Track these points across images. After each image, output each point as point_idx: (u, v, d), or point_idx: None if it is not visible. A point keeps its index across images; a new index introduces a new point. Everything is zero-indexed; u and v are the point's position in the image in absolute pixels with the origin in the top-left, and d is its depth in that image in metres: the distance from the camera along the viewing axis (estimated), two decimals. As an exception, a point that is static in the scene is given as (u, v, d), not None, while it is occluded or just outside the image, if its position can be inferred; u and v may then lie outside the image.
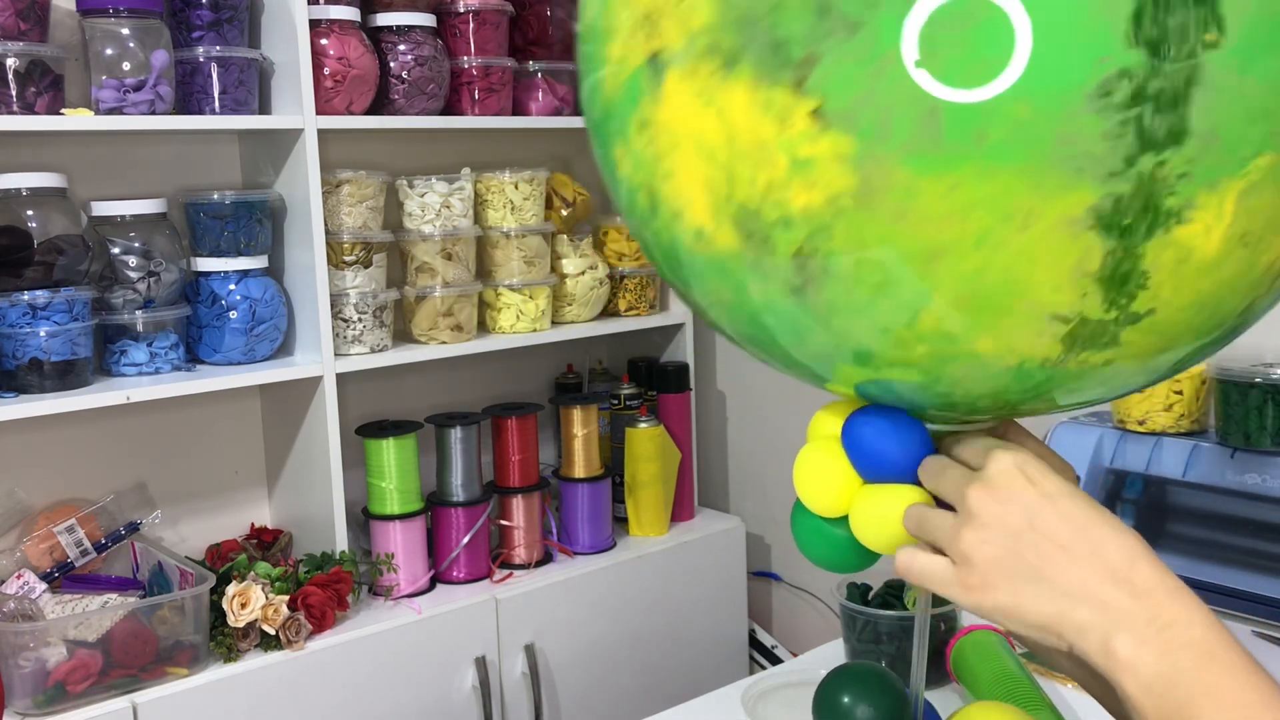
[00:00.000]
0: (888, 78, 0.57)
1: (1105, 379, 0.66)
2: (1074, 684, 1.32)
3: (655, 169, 0.66)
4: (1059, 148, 0.56)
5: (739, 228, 0.63)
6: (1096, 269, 0.59)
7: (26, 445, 1.80)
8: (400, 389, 2.16)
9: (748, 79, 0.60)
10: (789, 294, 0.64)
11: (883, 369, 0.67)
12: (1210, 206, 0.58)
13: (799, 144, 0.59)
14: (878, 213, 0.59)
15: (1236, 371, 1.47)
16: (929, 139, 0.57)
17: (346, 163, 1.97)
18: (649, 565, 2.13)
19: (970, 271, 0.60)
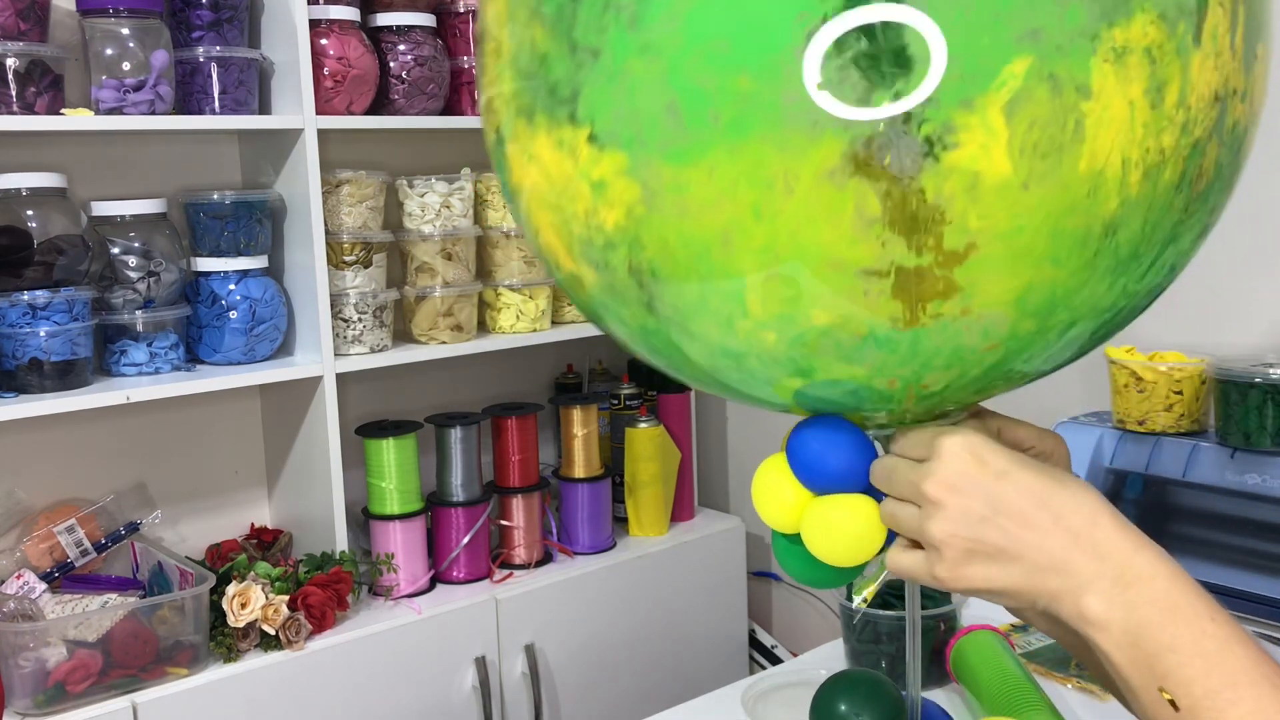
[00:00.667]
0: (629, 88, 0.62)
1: (1002, 335, 0.65)
2: (1074, 684, 1.32)
3: (528, 229, 0.72)
4: (790, 108, 0.58)
5: (588, 261, 0.68)
6: (879, 213, 0.59)
7: (26, 445, 1.80)
8: (400, 389, 2.16)
9: (543, 126, 0.66)
10: (646, 311, 0.68)
11: (790, 373, 0.68)
12: (974, 126, 0.58)
13: (590, 169, 0.65)
14: (665, 212, 0.63)
15: (1236, 371, 1.47)
16: (675, 132, 0.61)
17: (346, 163, 1.97)
18: (649, 565, 2.13)
19: (763, 245, 0.61)
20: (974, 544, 0.65)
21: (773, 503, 0.75)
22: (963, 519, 0.65)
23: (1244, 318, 1.64)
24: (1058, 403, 1.84)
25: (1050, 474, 0.65)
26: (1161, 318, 1.74)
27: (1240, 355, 1.54)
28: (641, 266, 0.66)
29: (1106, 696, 1.29)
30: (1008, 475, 0.65)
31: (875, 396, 0.69)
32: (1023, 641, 1.45)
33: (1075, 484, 0.65)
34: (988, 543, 0.65)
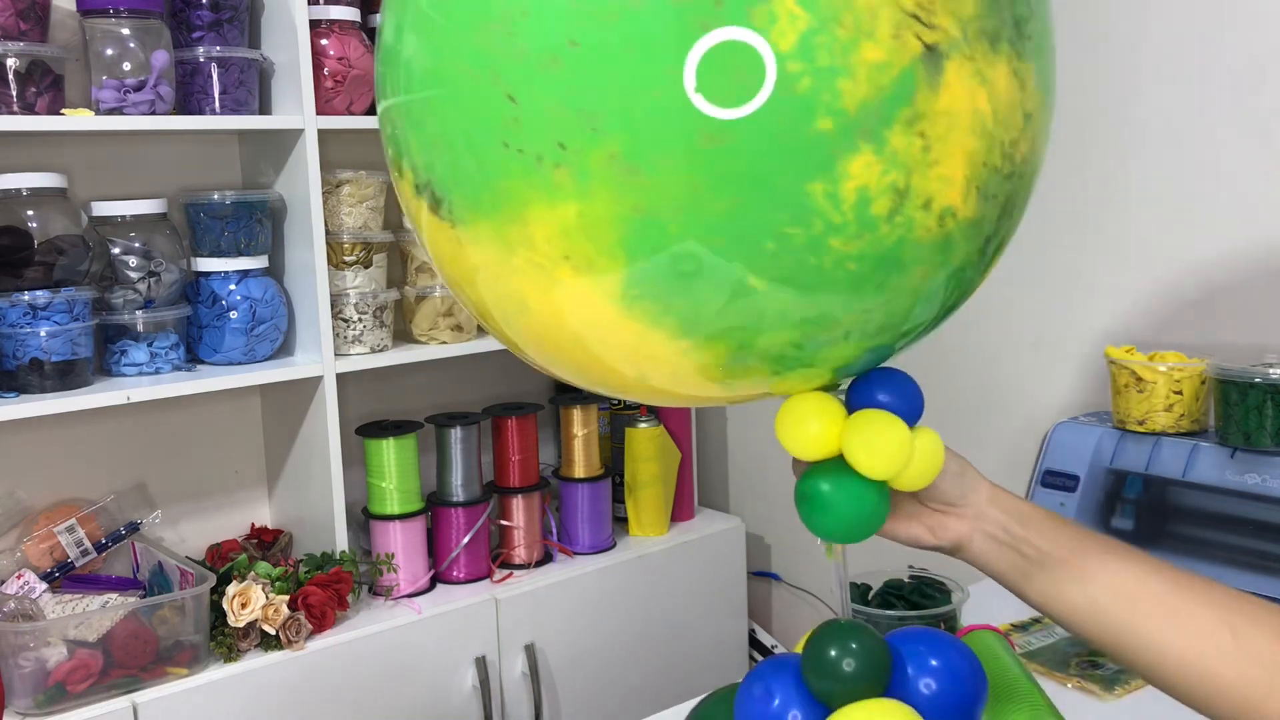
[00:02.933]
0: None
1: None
2: (1074, 684, 1.32)
3: (919, 160, 0.67)
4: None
5: (986, 195, 0.71)
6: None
7: (26, 445, 1.80)
8: (400, 389, 2.17)
9: (1005, 54, 0.70)
10: (980, 252, 0.74)
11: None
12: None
13: (1028, 100, 0.72)
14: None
15: (1236, 371, 1.48)
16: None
17: (346, 163, 1.97)
18: (649, 565, 2.13)
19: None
20: None
21: (808, 425, 0.79)
22: None
23: (1244, 318, 1.64)
24: (1058, 403, 1.84)
25: None
26: (1161, 318, 1.74)
27: (1240, 355, 1.54)
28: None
29: (1106, 696, 1.30)
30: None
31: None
32: (1023, 641, 1.45)
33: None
34: None
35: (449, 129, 0.71)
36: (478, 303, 0.79)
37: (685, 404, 0.87)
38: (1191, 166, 1.67)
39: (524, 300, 0.74)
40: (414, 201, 0.77)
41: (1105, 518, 1.60)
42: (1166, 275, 1.72)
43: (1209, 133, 1.65)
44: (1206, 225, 1.67)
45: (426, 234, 0.78)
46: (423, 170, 0.74)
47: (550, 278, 0.71)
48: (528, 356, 0.84)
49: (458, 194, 0.72)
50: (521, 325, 0.78)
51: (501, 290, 0.75)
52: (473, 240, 0.73)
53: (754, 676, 0.91)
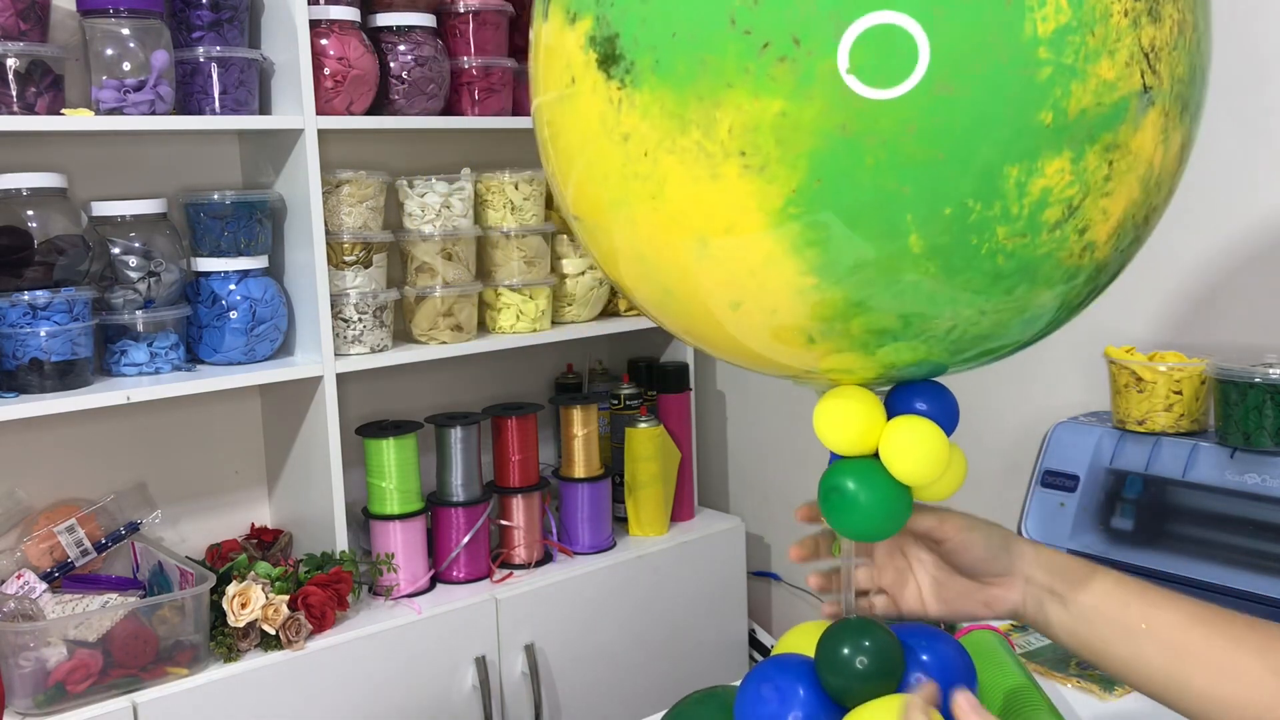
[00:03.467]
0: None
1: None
2: (1074, 684, 1.32)
3: (1098, 187, 0.71)
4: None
5: (1119, 246, 0.76)
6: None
7: (26, 445, 1.80)
8: (400, 389, 2.17)
9: (1185, 125, 0.75)
10: (1084, 296, 0.80)
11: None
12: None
13: (1177, 174, 0.78)
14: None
15: (1236, 371, 1.47)
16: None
17: (346, 163, 1.97)
18: (649, 565, 2.13)
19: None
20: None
21: (852, 422, 0.80)
22: None
23: (1244, 318, 1.64)
24: (1058, 403, 1.84)
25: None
26: (1161, 318, 1.74)
27: (1240, 355, 1.54)
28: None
29: (1106, 696, 1.30)
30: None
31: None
32: (1023, 641, 1.45)
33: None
34: None
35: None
36: (590, 176, 0.77)
37: (724, 351, 0.85)
38: (1191, 166, 1.67)
39: (662, 184, 0.72)
40: (577, 54, 0.74)
41: (1105, 518, 1.60)
42: (1166, 275, 1.72)
43: (1209, 132, 1.65)
44: (1207, 225, 1.67)
45: (578, 89, 0.74)
46: (613, 21, 0.72)
47: (713, 168, 0.70)
48: (609, 249, 0.81)
49: (650, 56, 0.70)
50: (633, 213, 0.75)
51: (638, 169, 0.72)
52: (642, 107, 0.71)
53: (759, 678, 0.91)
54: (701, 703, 1.07)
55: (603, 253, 0.82)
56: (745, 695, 0.91)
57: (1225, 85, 1.63)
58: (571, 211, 0.82)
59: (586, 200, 0.79)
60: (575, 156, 0.78)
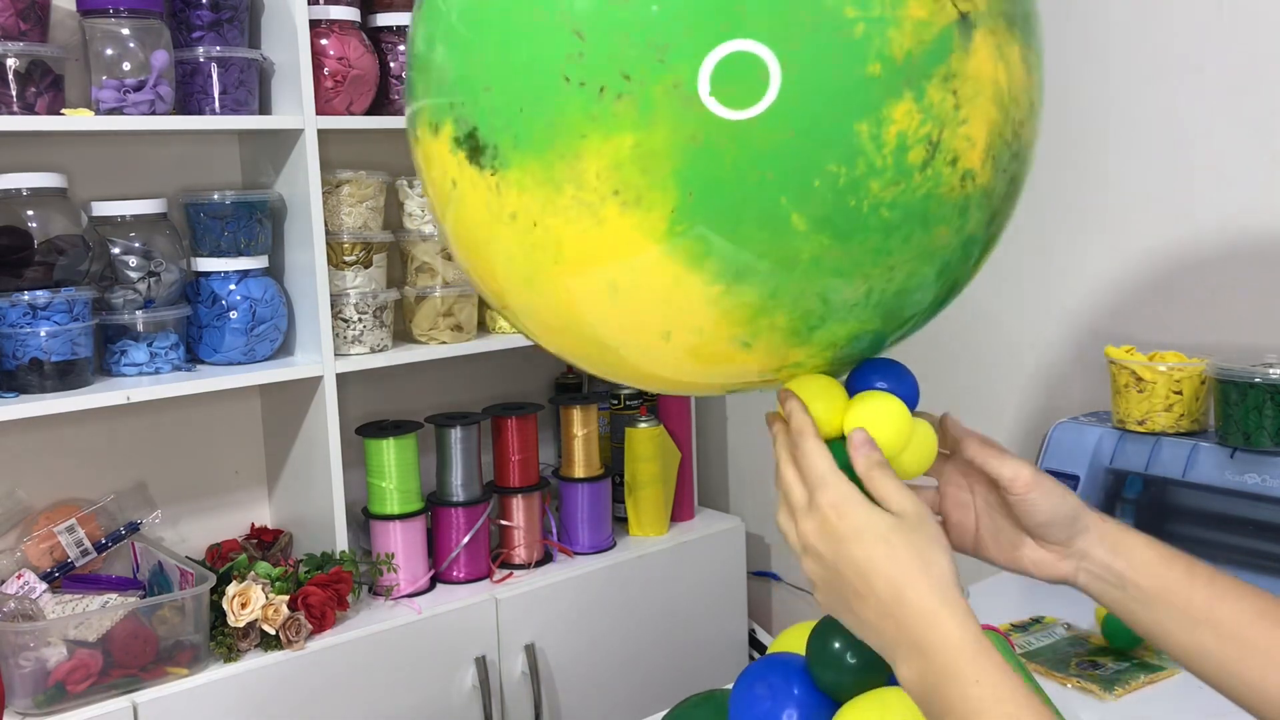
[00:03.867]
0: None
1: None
2: (1074, 684, 1.32)
3: (951, 118, 0.73)
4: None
5: (999, 167, 0.77)
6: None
7: (26, 445, 1.80)
8: (400, 389, 2.16)
9: (1019, 39, 0.77)
10: (986, 226, 0.79)
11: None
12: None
13: (1033, 87, 0.79)
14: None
15: (1236, 371, 1.47)
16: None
17: (346, 163, 1.97)
18: (649, 565, 2.13)
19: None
20: (825, 592, 0.78)
21: (814, 405, 0.82)
22: (815, 575, 0.78)
23: (1244, 318, 1.64)
24: (1058, 403, 1.84)
25: (879, 545, 0.74)
26: (1161, 318, 1.74)
27: (1240, 355, 1.54)
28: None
29: (1106, 696, 1.30)
30: (847, 543, 0.76)
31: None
32: (1023, 641, 1.45)
33: (894, 555, 0.74)
34: (834, 594, 0.78)
35: (506, 66, 0.74)
36: (497, 263, 0.80)
37: (687, 387, 0.88)
38: (1191, 166, 1.67)
39: (558, 248, 0.75)
40: (449, 158, 0.78)
41: (1105, 518, 1.60)
42: (1166, 275, 1.72)
43: (1208, 132, 1.65)
44: (1206, 225, 1.67)
45: (460, 189, 0.79)
46: (468, 117, 0.76)
47: (595, 215, 0.73)
48: (540, 324, 0.84)
49: (507, 135, 0.74)
50: (545, 282, 0.78)
51: (533, 240, 0.76)
52: (516, 184, 0.74)
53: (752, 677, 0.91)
54: (699, 706, 1.07)
55: (538, 330, 0.85)
56: (739, 694, 0.91)
57: (1225, 85, 1.63)
58: (498, 303, 0.85)
59: (504, 286, 0.82)
60: (482, 251, 0.81)
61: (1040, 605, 1.56)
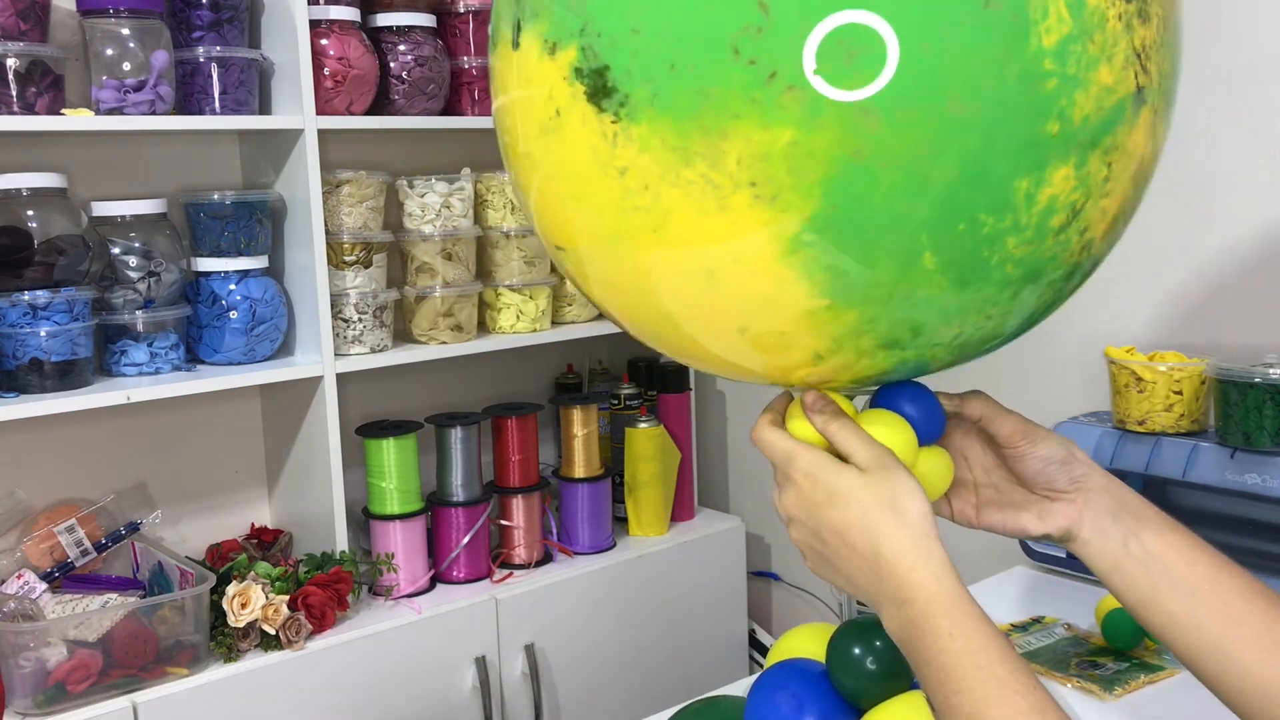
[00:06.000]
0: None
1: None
2: (1074, 684, 1.32)
3: (1098, 189, 0.72)
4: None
5: (1113, 241, 0.78)
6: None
7: (26, 445, 1.80)
8: (400, 389, 2.16)
9: (1168, 116, 0.77)
10: (1074, 289, 0.80)
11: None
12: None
13: (1157, 163, 0.79)
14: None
15: (1236, 371, 1.47)
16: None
17: (346, 163, 1.97)
18: (649, 565, 2.13)
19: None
20: (812, 557, 0.80)
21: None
22: (800, 542, 0.80)
23: (1244, 318, 1.64)
24: (1058, 403, 1.84)
25: (853, 508, 0.76)
26: (1161, 318, 1.74)
27: (1240, 355, 1.53)
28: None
29: (1106, 696, 1.30)
30: (822, 507, 0.77)
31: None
32: (1023, 641, 1.45)
33: (869, 513, 0.75)
34: (820, 559, 0.79)
35: (669, 14, 0.67)
36: (581, 209, 0.74)
37: (726, 370, 0.84)
38: (1191, 166, 1.67)
39: (665, 218, 0.70)
40: (561, 86, 0.71)
41: (1105, 518, 1.60)
42: (1166, 275, 1.72)
43: (1209, 132, 1.65)
44: (1206, 225, 1.67)
45: (565, 122, 0.72)
46: (601, 53, 0.69)
47: (721, 200, 0.68)
48: (603, 278, 0.79)
49: (646, 88, 0.67)
50: (632, 246, 0.73)
51: (637, 203, 0.70)
52: (640, 140, 0.68)
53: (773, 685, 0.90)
54: (700, 713, 1.07)
55: (596, 282, 0.80)
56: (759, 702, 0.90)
57: (1225, 85, 1.63)
58: (555, 242, 0.80)
59: (576, 232, 0.77)
60: (562, 190, 0.75)
61: (1040, 605, 1.56)
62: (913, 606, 0.72)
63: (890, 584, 0.74)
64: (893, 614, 0.74)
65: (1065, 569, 1.64)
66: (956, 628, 0.71)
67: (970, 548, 1.58)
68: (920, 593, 0.72)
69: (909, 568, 0.73)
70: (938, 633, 0.71)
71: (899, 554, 0.73)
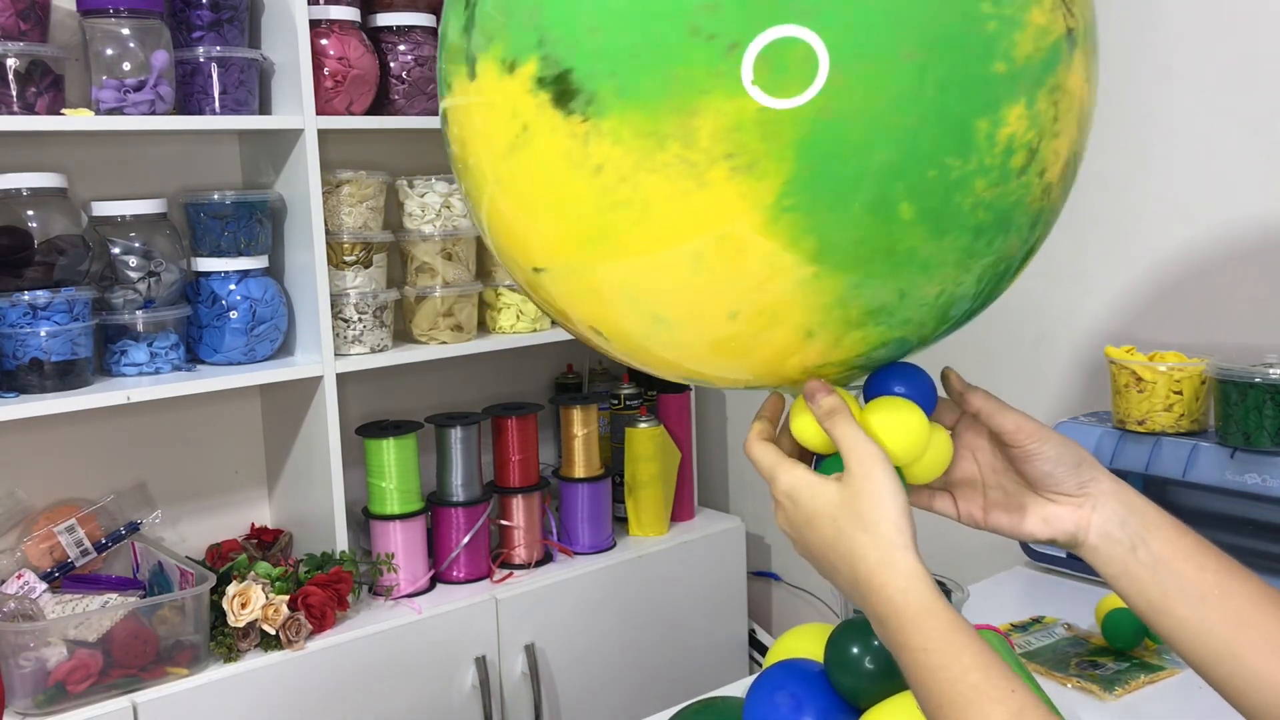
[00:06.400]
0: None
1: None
2: (1074, 684, 1.32)
3: (1049, 129, 0.75)
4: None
5: (1065, 185, 0.80)
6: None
7: (26, 445, 1.80)
8: (400, 389, 2.17)
9: (1095, 58, 0.80)
10: (1036, 242, 0.82)
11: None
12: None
13: (1094, 108, 0.81)
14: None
15: (1236, 371, 1.47)
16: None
17: (346, 163, 1.97)
18: (649, 565, 2.13)
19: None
20: (813, 564, 0.81)
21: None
22: (799, 549, 0.81)
23: (1244, 318, 1.64)
24: (1058, 403, 1.84)
25: (830, 528, 0.77)
26: (1161, 318, 1.74)
27: (1240, 355, 1.54)
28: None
29: (1106, 696, 1.30)
30: (801, 529, 0.79)
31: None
32: (1022, 641, 1.45)
33: (846, 533, 0.76)
34: (817, 567, 0.80)
35: (624, 8, 0.69)
36: (560, 218, 0.75)
37: (701, 377, 0.86)
38: (1191, 166, 1.67)
39: (645, 207, 0.71)
40: (524, 99, 0.72)
41: (1105, 518, 1.60)
42: (1166, 275, 1.72)
43: (1209, 132, 1.65)
44: (1206, 225, 1.67)
45: (533, 135, 0.73)
46: (561, 58, 0.70)
47: (699, 178, 0.69)
48: (583, 290, 0.79)
49: (610, 82, 0.69)
50: (616, 244, 0.74)
51: (617, 197, 0.71)
52: (611, 134, 0.70)
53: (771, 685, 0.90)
54: (699, 714, 1.07)
55: (574, 299, 0.80)
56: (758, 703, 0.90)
57: (1225, 85, 1.63)
58: (534, 264, 0.80)
59: (557, 245, 0.77)
60: (538, 205, 0.76)
61: (1040, 605, 1.56)
62: (888, 623, 0.73)
63: (869, 601, 0.75)
64: (877, 629, 0.75)
65: (1065, 569, 1.64)
66: (928, 642, 0.71)
67: (970, 547, 1.58)
68: (890, 608, 0.73)
69: (881, 584, 0.74)
70: (912, 648, 0.72)
71: (871, 571, 0.74)
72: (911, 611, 0.72)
